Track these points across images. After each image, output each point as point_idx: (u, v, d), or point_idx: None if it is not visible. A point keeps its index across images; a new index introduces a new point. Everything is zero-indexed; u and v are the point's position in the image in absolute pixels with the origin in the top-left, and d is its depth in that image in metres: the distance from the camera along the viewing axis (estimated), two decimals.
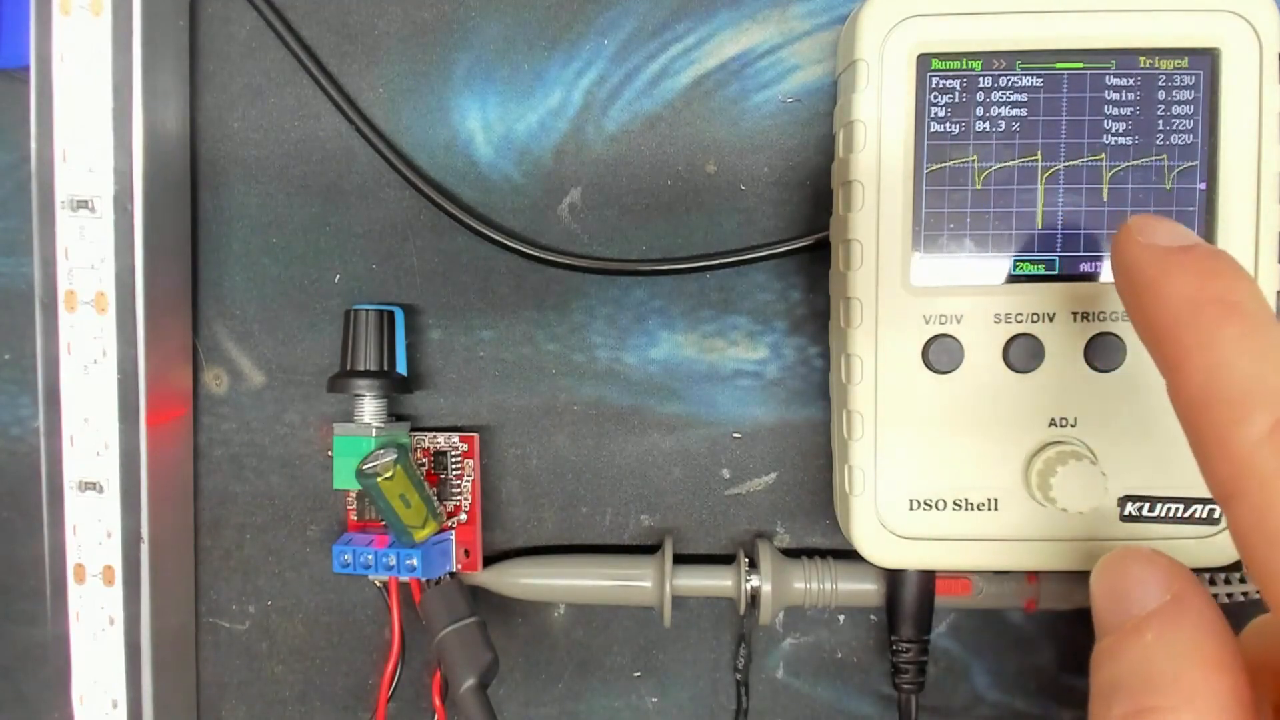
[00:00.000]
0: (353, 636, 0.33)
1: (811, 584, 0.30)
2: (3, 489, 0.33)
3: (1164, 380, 0.19)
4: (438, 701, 0.30)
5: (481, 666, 0.28)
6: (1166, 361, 0.19)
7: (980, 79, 0.26)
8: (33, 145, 0.29)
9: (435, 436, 0.31)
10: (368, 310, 0.30)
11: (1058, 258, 0.26)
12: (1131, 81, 0.26)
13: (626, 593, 0.30)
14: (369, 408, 0.30)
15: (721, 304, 0.31)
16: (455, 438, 0.31)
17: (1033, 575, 0.30)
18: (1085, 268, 0.26)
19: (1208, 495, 0.26)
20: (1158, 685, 0.17)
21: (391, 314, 0.31)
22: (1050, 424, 0.26)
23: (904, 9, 0.25)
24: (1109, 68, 0.26)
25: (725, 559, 0.31)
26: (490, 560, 0.31)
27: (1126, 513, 0.26)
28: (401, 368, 0.31)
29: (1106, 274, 0.26)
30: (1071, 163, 0.26)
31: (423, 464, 0.31)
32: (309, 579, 0.33)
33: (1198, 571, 0.30)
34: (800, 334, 0.31)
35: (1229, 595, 0.29)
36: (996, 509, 0.27)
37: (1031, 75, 0.26)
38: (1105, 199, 0.26)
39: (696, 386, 0.32)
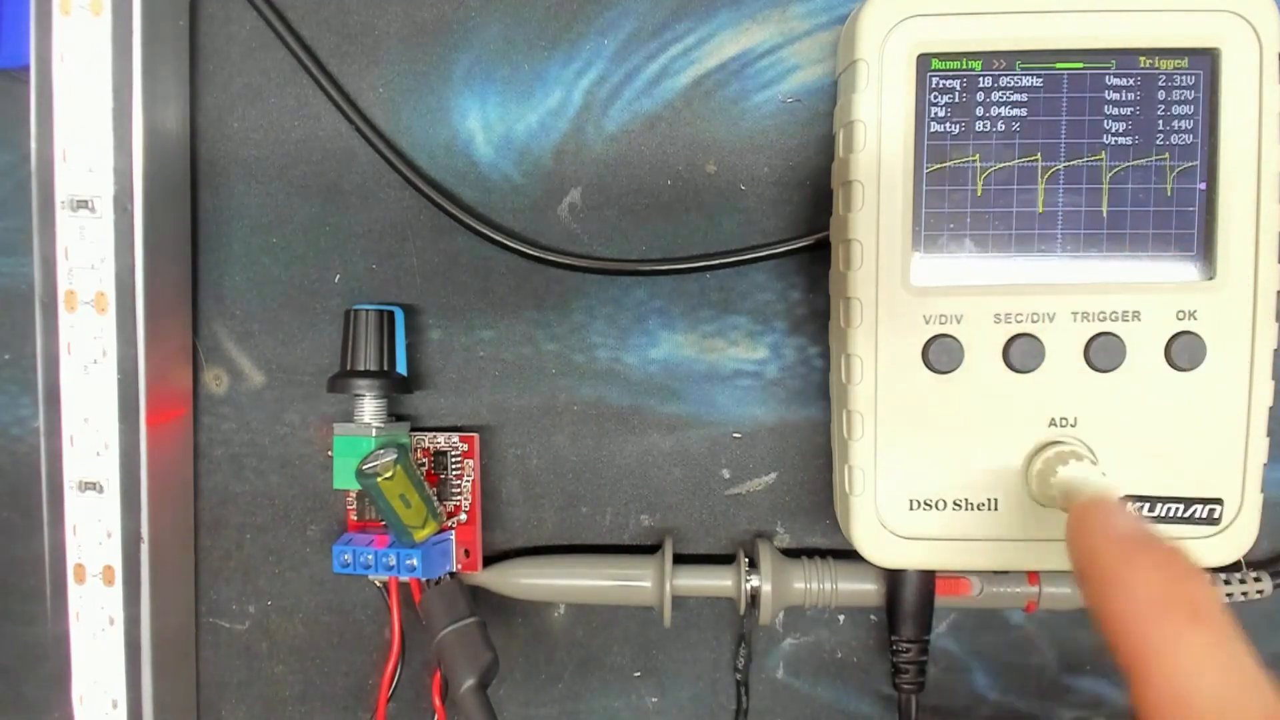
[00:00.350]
0: (353, 636, 0.33)
1: (811, 584, 0.30)
2: (3, 489, 0.33)
3: (1125, 679, 0.19)
4: (438, 701, 0.30)
5: (481, 666, 0.28)
6: (1129, 659, 0.18)
7: (980, 79, 0.26)
8: (33, 145, 0.29)
9: (435, 436, 0.31)
10: (368, 310, 0.30)
11: (1058, 258, 0.26)
12: (1131, 81, 0.26)
13: (626, 593, 0.30)
14: (369, 408, 0.30)
15: (721, 304, 0.31)
16: (455, 438, 0.31)
17: (1033, 575, 0.30)
18: (1085, 268, 0.26)
19: (1208, 495, 0.26)
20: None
21: (391, 314, 0.30)
22: (1050, 424, 0.26)
23: (904, 9, 0.25)
24: (1109, 68, 0.26)
25: (725, 559, 0.31)
26: (490, 560, 0.31)
27: None
28: (401, 368, 0.31)
29: (1106, 274, 0.26)
30: (1071, 163, 0.26)
31: (423, 464, 0.31)
32: (309, 579, 0.33)
33: None
34: (800, 334, 0.31)
35: (1229, 595, 0.29)
36: (996, 509, 0.27)
37: (1031, 75, 0.26)
38: (1105, 199, 0.26)
39: (696, 386, 0.31)
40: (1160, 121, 0.26)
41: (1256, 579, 0.29)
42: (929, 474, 0.27)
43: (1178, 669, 0.17)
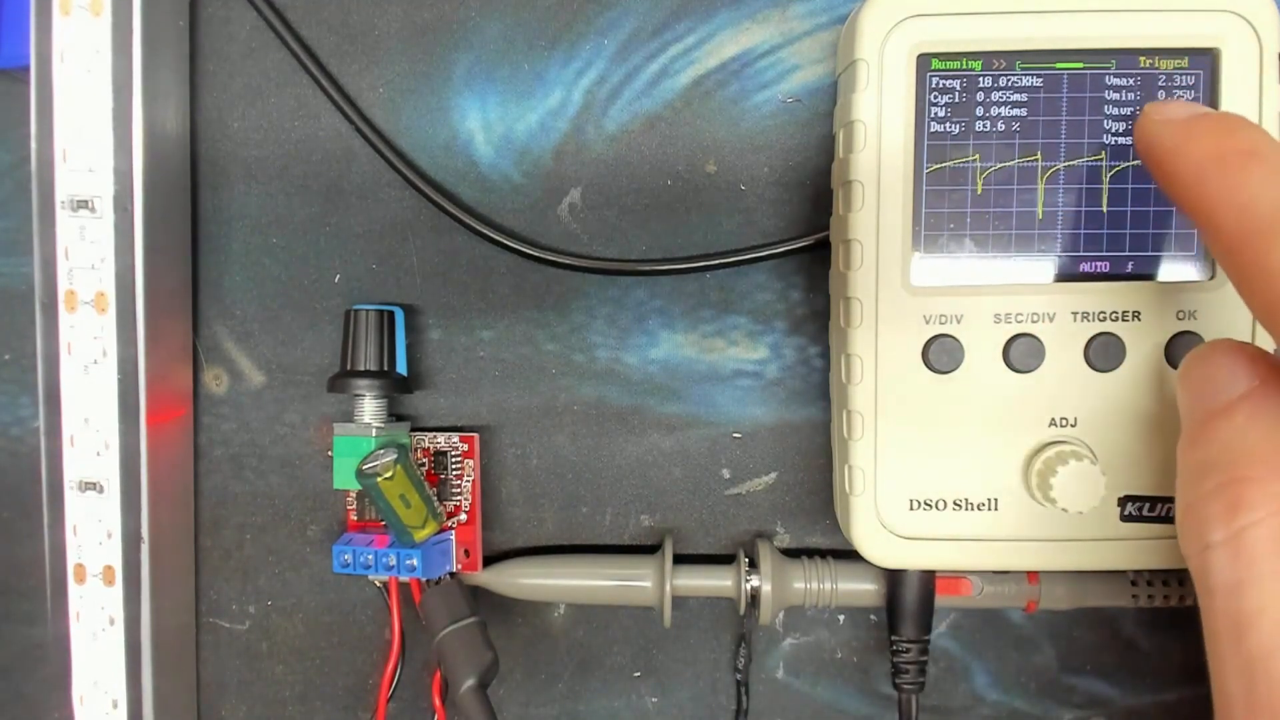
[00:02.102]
0: (353, 636, 0.33)
1: (811, 584, 0.30)
2: (3, 489, 0.33)
3: (1204, 238, 0.21)
4: (438, 701, 0.30)
5: (481, 666, 0.28)
6: (1200, 217, 0.20)
7: (980, 79, 0.26)
8: (33, 145, 0.29)
9: (435, 436, 0.31)
10: (368, 310, 0.30)
11: (1058, 258, 0.26)
12: (1131, 81, 0.26)
13: (626, 593, 0.30)
14: (369, 408, 0.30)
15: (721, 304, 0.31)
16: (455, 438, 0.31)
17: (1033, 575, 0.30)
18: (1085, 268, 0.26)
19: None
20: (1250, 458, 0.19)
21: (391, 314, 0.31)
22: (1050, 424, 0.26)
23: (904, 9, 0.25)
24: (1109, 68, 0.26)
25: (725, 559, 0.31)
26: (490, 560, 0.31)
27: (1126, 513, 0.26)
28: (401, 368, 0.31)
29: (1106, 274, 0.26)
30: (1071, 163, 0.26)
31: (423, 464, 0.31)
32: (309, 579, 0.33)
33: None
34: (800, 334, 0.31)
35: None
36: (996, 509, 0.27)
37: (1031, 75, 0.26)
38: (1105, 199, 0.26)
39: (696, 386, 0.31)
40: None
41: None
42: (929, 474, 0.27)
43: (1237, 203, 0.19)
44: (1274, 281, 0.18)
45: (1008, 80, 0.26)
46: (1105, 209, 0.26)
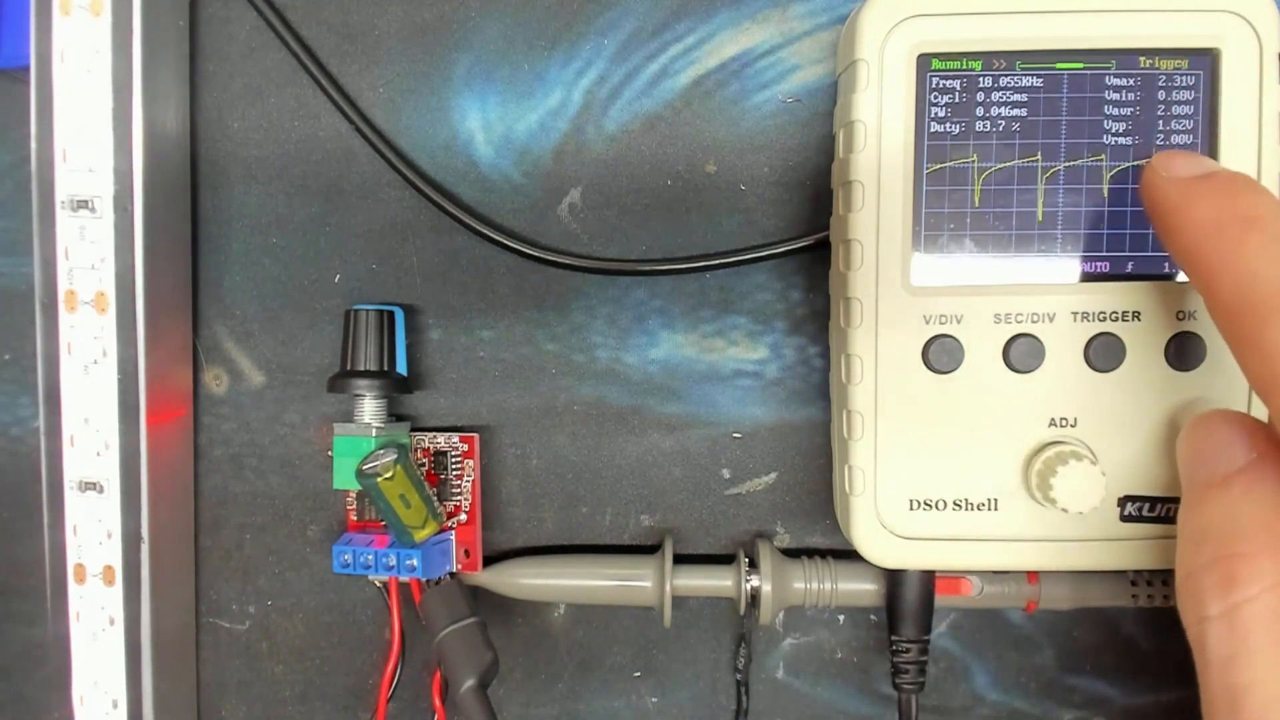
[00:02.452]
0: (353, 636, 0.33)
1: (811, 584, 0.30)
2: (3, 489, 0.33)
3: (1203, 298, 0.21)
4: (438, 701, 0.30)
5: (481, 666, 0.28)
6: (1200, 280, 0.20)
7: (980, 79, 0.26)
8: (33, 145, 0.29)
9: (435, 436, 0.31)
10: (368, 310, 0.30)
11: (1058, 258, 0.26)
12: (1131, 81, 0.26)
13: (626, 593, 0.30)
14: (369, 408, 0.30)
15: (721, 304, 0.31)
16: (455, 438, 0.31)
17: (1033, 575, 0.30)
18: (1085, 268, 0.26)
19: None
20: (1243, 533, 0.19)
21: (391, 314, 0.31)
22: (1050, 424, 0.26)
23: (904, 9, 0.25)
24: (1109, 68, 0.26)
25: (725, 559, 0.31)
26: (490, 560, 0.31)
27: (1126, 513, 0.26)
28: (401, 368, 0.31)
29: (1106, 274, 0.26)
30: (1071, 163, 0.26)
31: (423, 464, 0.31)
32: (309, 579, 0.33)
33: None
34: (800, 334, 0.31)
35: None
36: (996, 509, 0.27)
37: (1031, 75, 0.26)
38: (1105, 199, 0.26)
39: (696, 386, 0.31)
40: (1160, 121, 0.26)
41: None
42: (929, 474, 0.27)
43: (1237, 273, 0.19)
44: (1269, 358, 0.18)
45: (1008, 80, 0.26)
46: (1105, 209, 0.26)
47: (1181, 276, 0.26)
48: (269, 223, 0.32)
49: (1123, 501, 0.26)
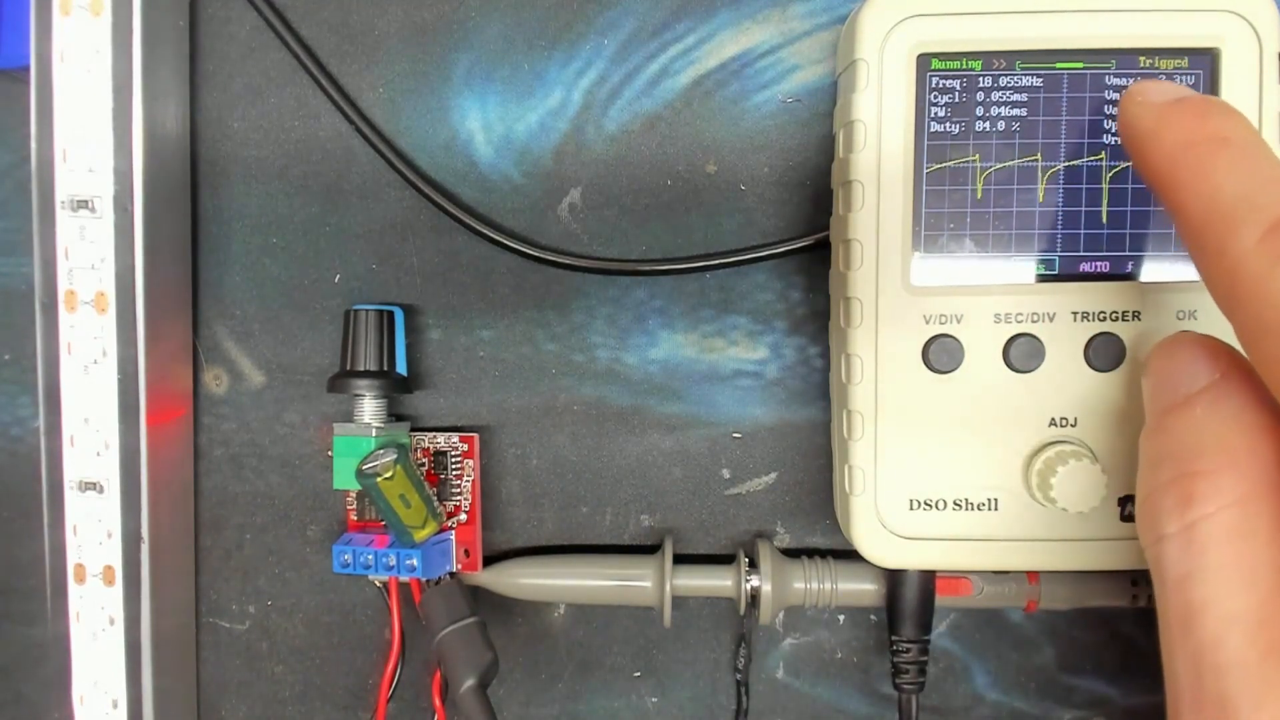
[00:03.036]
0: (353, 636, 0.33)
1: (811, 584, 0.30)
2: (3, 489, 0.33)
3: (1174, 223, 0.21)
4: (438, 701, 0.30)
5: (481, 666, 0.28)
6: (1169, 202, 0.20)
7: (980, 79, 0.26)
8: (33, 145, 0.29)
9: (435, 436, 0.31)
10: (368, 310, 0.30)
11: (1058, 258, 0.26)
12: (1131, 81, 0.26)
13: (626, 593, 0.30)
14: (369, 408, 0.30)
15: (721, 304, 0.31)
16: (455, 438, 0.31)
17: (1033, 575, 0.30)
18: (1085, 268, 0.26)
19: None
20: (1203, 451, 0.19)
21: (391, 314, 0.31)
22: (1050, 424, 0.26)
23: (904, 9, 0.25)
24: (1109, 68, 0.26)
25: (725, 559, 0.31)
26: (490, 560, 0.31)
27: (1126, 513, 0.26)
28: (401, 368, 0.31)
29: (1106, 274, 0.26)
30: (1071, 163, 0.26)
31: (423, 464, 0.31)
32: (309, 579, 0.33)
33: None
34: (800, 334, 0.31)
35: None
36: (996, 509, 0.27)
37: (1031, 75, 0.26)
38: (1105, 199, 0.26)
39: (696, 386, 0.32)
40: None
41: None
42: (929, 474, 0.27)
43: (1203, 190, 0.19)
44: (1232, 269, 0.18)
45: (1008, 80, 0.26)
46: (1105, 209, 0.26)
47: (1182, 276, 0.26)
48: (269, 223, 0.32)
49: (1123, 501, 0.26)
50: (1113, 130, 0.26)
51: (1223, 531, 0.18)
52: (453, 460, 0.31)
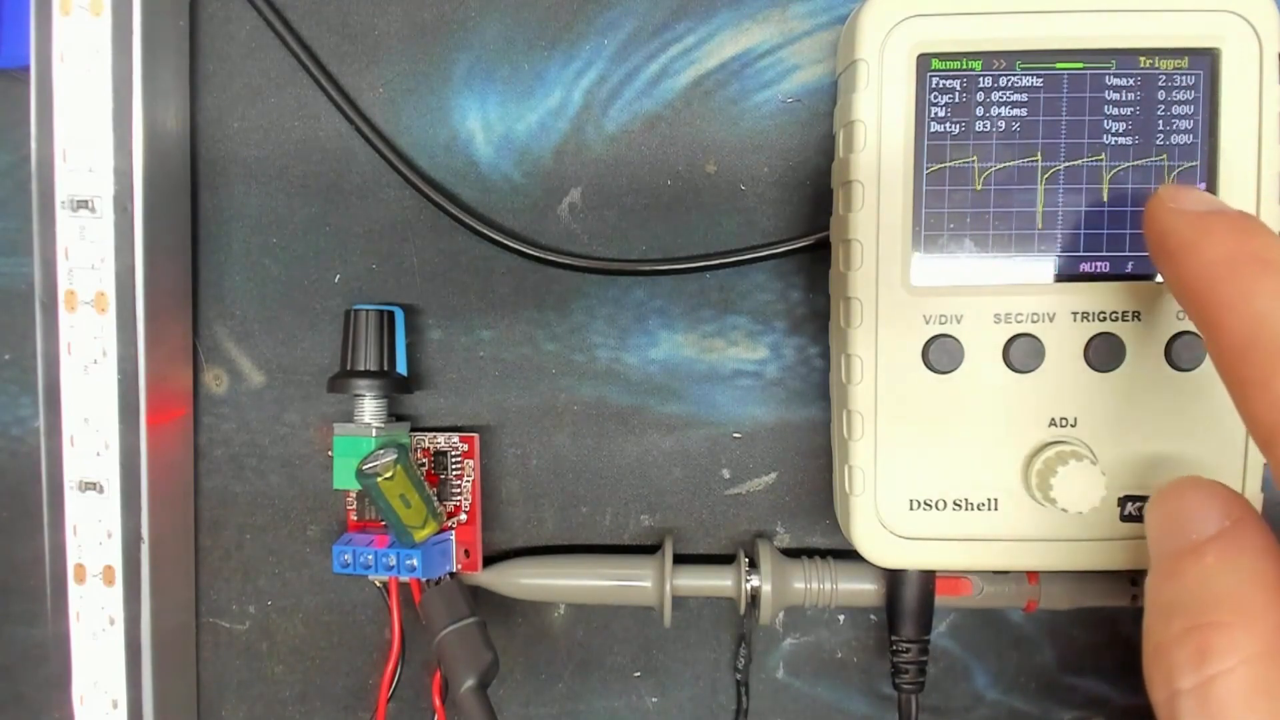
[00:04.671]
0: (353, 636, 0.33)
1: (811, 584, 0.30)
2: (3, 489, 0.33)
3: (1204, 337, 0.20)
4: (438, 701, 0.30)
5: (481, 666, 0.28)
6: (1205, 319, 0.20)
7: (980, 79, 0.26)
8: (33, 145, 0.29)
9: (435, 436, 0.31)
10: (368, 310, 0.30)
11: (1058, 258, 0.26)
12: (1131, 81, 0.26)
13: (626, 593, 0.30)
14: (369, 408, 0.30)
15: (721, 304, 0.31)
16: (455, 438, 0.31)
17: (1033, 575, 0.30)
18: (1085, 268, 0.26)
19: None
20: (1218, 603, 0.18)
21: (391, 314, 0.31)
22: (1050, 424, 0.26)
23: (904, 9, 0.25)
24: (1109, 68, 0.26)
25: (725, 559, 0.31)
26: (490, 560, 0.31)
27: (1126, 513, 0.26)
28: (401, 368, 0.31)
29: (1106, 274, 0.26)
30: (1071, 163, 0.26)
31: (423, 464, 0.31)
32: (309, 579, 0.33)
33: None
34: (800, 334, 0.31)
35: None
36: (996, 509, 0.27)
37: (1031, 75, 0.26)
38: (1105, 199, 0.26)
39: (696, 386, 0.31)
40: (1160, 121, 0.26)
41: None
42: (929, 474, 0.27)
43: (1248, 314, 0.19)
44: (1275, 404, 0.18)
45: (1008, 80, 0.26)
46: (1105, 209, 0.26)
47: None
48: (269, 223, 0.32)
49: (1123, 501, 0.26)
50: (1113, 130, 0.26)
51: (1241, 689, 0.17)
52: (453, 460, 0.31)
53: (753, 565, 0.30)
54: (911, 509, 0.27)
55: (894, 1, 0.25)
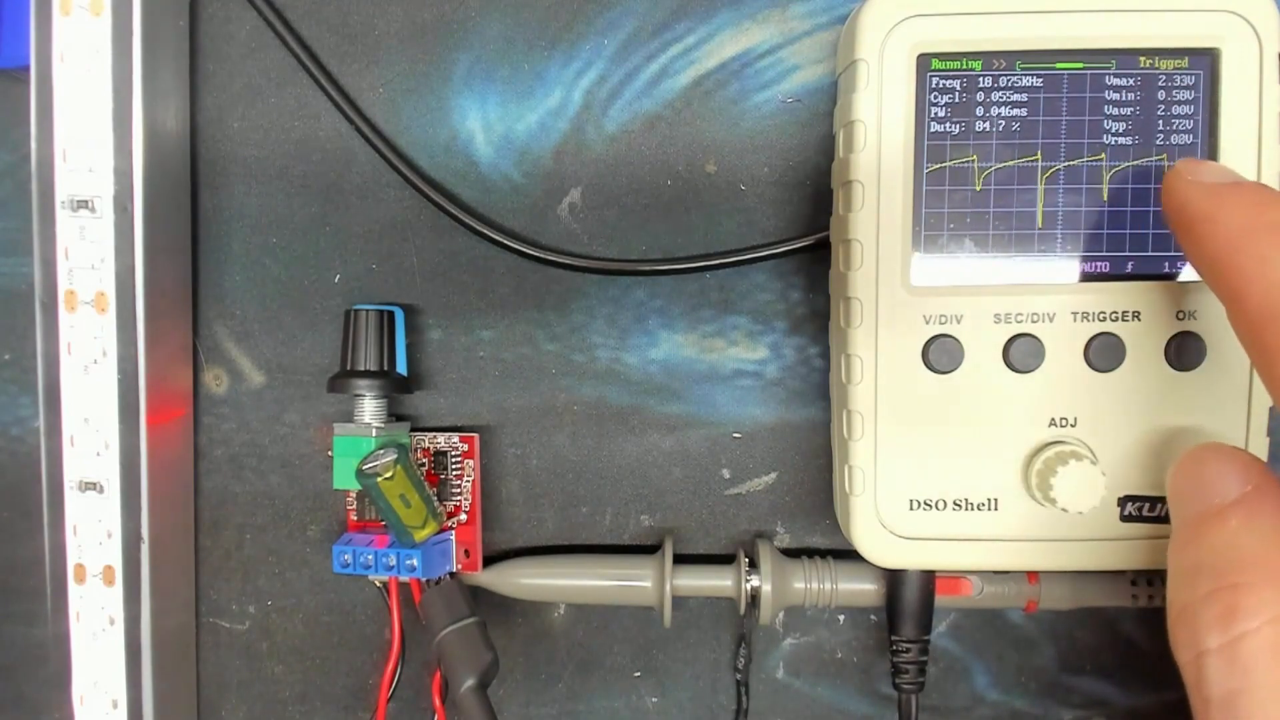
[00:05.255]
0: (353, 636, 0.33)
1: (811, 584, 0.30)
2: (3, 489, 0.33)
3: (1225, 309, 0.20)
4: (438, 701, 0.30)
5: (481, 666, 0.28)
6: (1226, 287, 0.20)
7: (980, 79, 0.26)
8: (33, 145, 0.29)
9: (435, 436, 0.31)
10: (368, 310, 0.30)
11: (1058, 258, 0.26)
12: (1131, 81, 0.26)
13: (626, 593, 0.30)
14: (369, 408, 0.30)
15: (721, 304, 0.31)
16: (455, 438, 0.31)
17: (1033, 575, 0.30)
18: (1085, 268, 0.26)
19: None
20: (1243, 564, 0.18)
21: (391, 314, 0.31)
22: (1050, 424, 0.26)
23: (904, 9, 0.25)
24: (1109, 68, 0.26)
25: (725, 559, 0.31)
26: (490, 560, 0.31)
27: (1126, 513, 0.26)
28: (401, 368, 0.31)
29: (1106, 274, 0.26)
30: (1071, 163, 0.26)
31: (423, 464, 0.31)
32: (309, 579, 0.33)
33: None
34: (800, 334, 0.31)
35: None
36: (996, 509, 0.27)
37: (1031, 75, 0.26)
38: (1105, 199, 0.26)
39: (696, 386, 0.31)
40: (1160, 121, 0.26)
41: None
42: (929, 474, 0.27)
43: (1269, 283, 0.19)
44: None
45: (1008, 80, 0.26)
46: (1105, 209, 0.26)
47: (1182, 276, 0.26)
48: (269, 223, 0.32)
49: (1123, 501, 0.26)
50: (1113, 130, 0.26)
51: (1269, 647, 0.18)
52: (453, 460, 0.31)
53: (753, 565, 0.30)
54: (911, 509, 0.27)
55: (894, 1, 0.25)
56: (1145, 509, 0.26)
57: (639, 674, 0.33)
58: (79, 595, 0.30)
